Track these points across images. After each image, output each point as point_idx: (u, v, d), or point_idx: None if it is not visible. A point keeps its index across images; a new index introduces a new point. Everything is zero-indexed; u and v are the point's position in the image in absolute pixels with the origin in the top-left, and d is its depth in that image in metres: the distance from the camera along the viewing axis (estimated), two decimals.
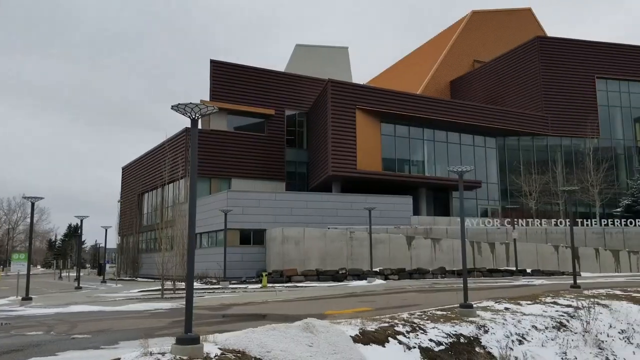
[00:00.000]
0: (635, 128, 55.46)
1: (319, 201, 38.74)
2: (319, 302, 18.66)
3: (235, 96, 48.45)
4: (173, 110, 8.58)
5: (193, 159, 8.54)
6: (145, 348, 7.37)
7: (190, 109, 8.45)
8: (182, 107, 8.46)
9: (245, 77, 49.55)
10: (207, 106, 8.59)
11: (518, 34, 64.37)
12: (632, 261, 36.03)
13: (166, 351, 7.39)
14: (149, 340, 7.79)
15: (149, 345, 7.48)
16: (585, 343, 13.03)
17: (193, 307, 8.12)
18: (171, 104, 8.54)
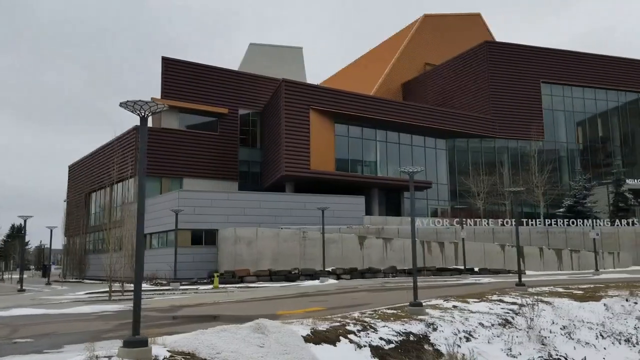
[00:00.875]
0: (577, 131, 57.83)
1: (272, 201, 38.63)
2: (271, 303, 18.61)
3: (187, 94, 47.75)
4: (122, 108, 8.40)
5: (142, 158, 8.38)
6: (91, 352, 7.18)
7: (139, 106, 8.28)
8: (130, 105, 8.28)
9: (198, 75, 48.90)
10: (157, 104, 8.44)
11: (468, 39, 65.99)
12: (574, 260, 37.51)
13: (113, 354, 7.23)
14: (95, 344, 7.60)
15: (95, 349, 7.29)
16: (529, 339, 13.45)
17: (142, 309, 7.97)
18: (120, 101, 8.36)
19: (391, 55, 69.13)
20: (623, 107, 59.34)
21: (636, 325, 15.87)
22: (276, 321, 9.77)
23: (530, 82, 55.05)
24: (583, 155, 57.28)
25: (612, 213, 46.12)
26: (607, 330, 15.33)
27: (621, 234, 40.33)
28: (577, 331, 14.87)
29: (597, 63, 58.17)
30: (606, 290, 18.43)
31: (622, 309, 16.72)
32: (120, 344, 7.45)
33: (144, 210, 8.19)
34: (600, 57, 59.00)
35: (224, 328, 8.79)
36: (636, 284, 19.83)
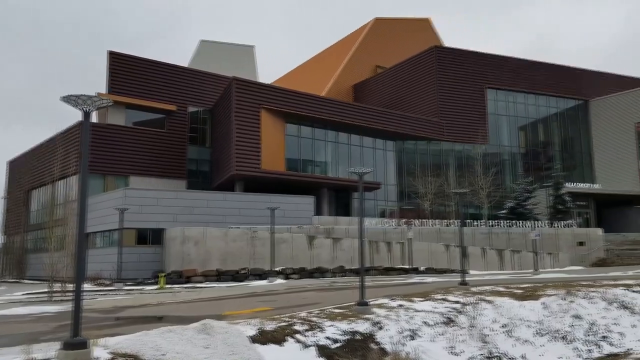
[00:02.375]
0: (519, 136, 59.91)
1: (221, 200, 38.23)
2: (219, 303, 18.42)
3: (135, 90, 46.65)
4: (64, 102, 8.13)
5: (84, 154, 8.15)
6: (28, 354, 6.94)
7: (82, 101, 8.04)
8: (73, 99, 8.03)
9: (146, 70, 47.86)
10: (101, 99, 8.22)
11: (417, 43, 67.23)
12: (515, 260, 38.79)
13: (51, 357, 7.01)
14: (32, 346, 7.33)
15: (32, 351, 7.04)
16: (471, 337, 13.79)
17: (83, 309, 7.74)
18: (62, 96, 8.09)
19: (343, 56, 69.66)
20: (563, 113, 61.89)
21: (572, 323, 16.46)
22: (223, 322, 9.69)
23: (476, 87, 56.61)
24: (525, 159, 59.40)
25: (551, 215, 47.93)
26: (545, 328, 15.84)
27: (560, 235, 41.99)
28: (516, 329, 15.34)
29: (539, 70, 60.44)
30: (544, 290, 19.04)
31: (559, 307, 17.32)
32: (59, 346, 7.22)
33: (85, 209, 7.97)
34: (542, 65, 61.33)
35: (169, 329, 8.65)
36: (573, 284, 20.56)
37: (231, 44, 75.25)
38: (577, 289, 18.75)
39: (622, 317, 16.96)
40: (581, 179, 58.75)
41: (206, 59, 66.97)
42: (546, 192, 50.37)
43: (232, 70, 54.15)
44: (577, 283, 20.59)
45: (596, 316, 16.71)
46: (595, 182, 58.44)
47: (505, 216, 46.23)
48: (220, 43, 74.59)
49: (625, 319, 16.90)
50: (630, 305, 17.83)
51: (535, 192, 49.54)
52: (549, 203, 49.18)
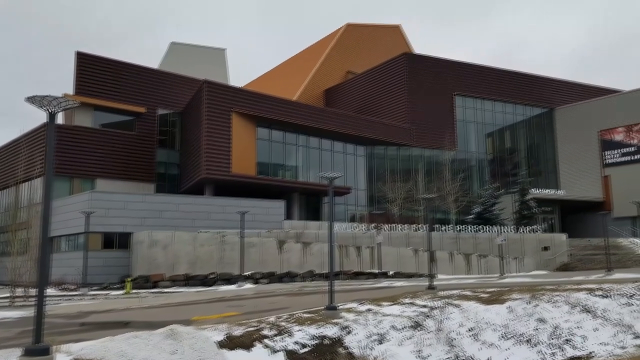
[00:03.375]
0: (486, 142, 60.99)
1: (190, 204, 37.87)
2: (186, 308, 18.22)
3: (103, 91, 45.93)
4: (29, 103, 7.96)
5: (49, 156, 7.99)
6: None
7: (48, 102, 7.89)
8: (38, 100, 7.87)
9: (114, 72, 47.17)
10: (67, 100, 8.08)
11: (388, 49, 67.93)
12: (481, 264, 39.40)
13: None
14: None
15: None
16: (438, 341, 13.94)
17: (47, 315, 7.58)
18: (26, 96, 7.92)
19: (314, 61, 69.86)
20: (529, 120, 63.24)
21: (536, 326, 16.76)
22: (190, 327, 9.60)
23: (445, 94, 57.41)
24: (492, 165, 60.46)
25: (517, 220, 48.83)
26: (510, 331, 16.08)
27: (525, 240, 42.80)
28: (482, 333, 15.55)
29: (507, 78, 61.68)
30: (510, 294, 19.35)
31: (524, 311, 17.62)
32: (21, 353, 7.05)
33: (49, 212, 7.82)
34: (510, 73, 62.59)
35: (135, 334, 8.53)
36: (537, 288, 20.94)
37: (202, 46, 74.71)
38: (541, 293, 19.13)
39: (584, 320, 17.36)
40: (546, 185, 60.07)
41: (177, 61, 66.33)
42: (512, 198, 51.32)
43: (203, 73, 53.77)
44: (541, 287, 20.99)
45: (560, 320, 17.06)
46: (560, 189, 59.85)
47: (472, 221, 46.88)
48: (191, 45, 73.98)
49: (588, 322, 17.30)
50: (592, 309, 18.27)
51: (501, 197, 50.44)
52: (515, 208, 50.11)
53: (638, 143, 56.48)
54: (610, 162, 58.23)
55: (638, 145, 56.46)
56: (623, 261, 41.94)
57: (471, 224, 45.45)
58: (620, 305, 19.04)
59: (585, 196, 57.73)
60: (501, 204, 49.60)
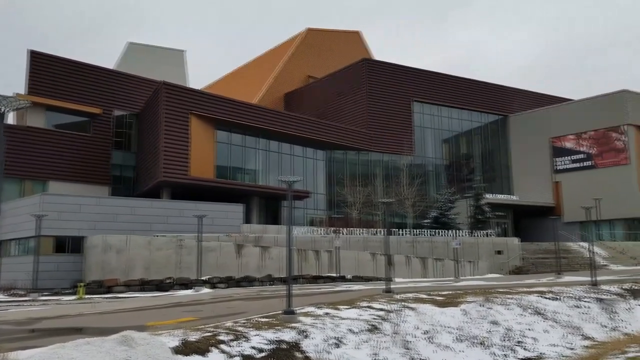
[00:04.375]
0: (443, 148, 62.21)
1: (146, 207, 37.21)
2: (141, 314, 17.88)
3: (57, 92, 44.74)
4: None
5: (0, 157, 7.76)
6: None
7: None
8: None
9: (69, 71, 46.02)
10: (18, 100, 7.91)
11: (348, 54, 68.55)
12: (437, 267, 40.08)
13: None
14: None
15: None
16: (394, 344, 14.11)
17: None
18: None
19: (275, 65, 69.84)
20: (484, 127, 64.82)
21: (490, 329, 17.15)
22: (144, 333, 9.44)
23: (403, 100, 58.29)
24: (448, 171, 61.70)
25: (472, 225, 49.88)
26: (464, 334, 16.40)
27: (479, 244, 43.77)
28: (438, 335, 15.81)
29: (463, 86, 63.09)
30: (464, 297, 19.74)
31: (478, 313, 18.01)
32: None
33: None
34: (466, 81, 64.04)
35: (87, 341, 8.34)
36: (491, 291, 21.42)
37: (161, 47, 73.61)
38: (494, 296, 19.60)
39: (535, 322, 17.89)
40: (500, 190, 61.64)
41: (134, 62, 65.13)
42: (467, 203, 52.46)
43: (162, 75, 52.99)
44: (495, 290, 21.49)
45: (512, 322, 17.53)
46: (513, 194, 61.54)
47: (429, 225, 47.64)
48: (150, 46, 72.79)
49: (539, 324, 17.84)
50: (543, 311, 18.85)
51: (457, 202, 51.47)
52: (470, 213, 51.22)
53: (587, 150, 58.64)
54: (561, 169, 60.25)
55: (587, 152, 58.62)
56: (572, 264, 43.43)
57: (428, 228, 46.18)
58: (569, 308, 19.73)
59: (537, 201, 59.55)
60: (457, 209, 50.60)
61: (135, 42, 73.09)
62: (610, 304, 20.92)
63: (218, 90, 66.82)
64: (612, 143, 57.00)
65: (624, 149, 56.09)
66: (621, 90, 57.52)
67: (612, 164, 56.68)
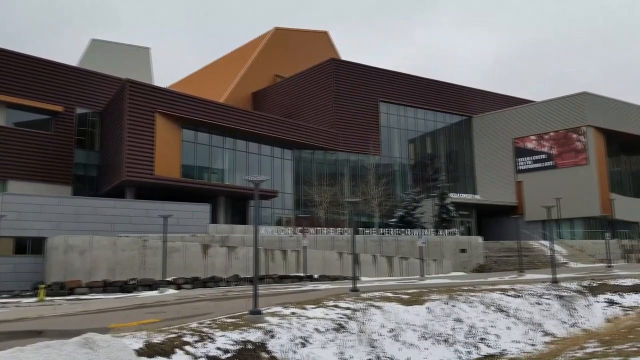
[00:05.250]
0: (409, 148, 62.91)
1: (110, 207, 36.53)
2: (104, 315, 17.56)
3: (17, 89, 43.52)
4: None
5: None
6: None
7: None
8: None
9: (30, 68, 44.80)
10: None
11: (316, 54, 68.61)
12: (403, 266, 40.52)
13: None
14: None
15: None
16: (360, 342, 14.23)
17: None
18: None
19: (242, 64, 69.41)
20: (449, 128, 65.78)
21: (454, 326, 17.45)
22: (107, 335, 9.29)
23: (370, 100, 58.68)
24: (414, 170, 62.39)
25: (437, 224, 50.56)
26: (429, 331, 16.64)
27: (444, 242, 44.43)
28: (403, 333, 16.00)
29: (428, 86, 63.88)
30: (429, 295, 20.04)
31: (442, 311, 18.31)
32: None
33: None
34: (431, 82, 64.84)
35: (47, 344, 8.16)
36: (455, 289, 21.79)
37: (125, 44, 72.36)
38: (458, 294, 19.95)
39: (498, 319, 18.28)
40: (464, 189, 62.68)
41: (98, 59, 63.84)
42: (432, 202, 53.16)
43: (126, 72, 52.08)
44: (458, 288, 21.86)
45: (475, 319, 17.87)
46: (477, 193, 62.66)
47: (395, 224, 48.10)
48: (114, 43, 71.47)
49: (501, 321, 18.24)
50: (505, 308, 19.27)
51: (422, 201, 52.11)
52: (435, 212, 51.93)
53: (548, 151, 60.12)
54: (523, 169, 61.63)
55: (548, 152, 60.10)
56: (534, 262, 44.50)
57: (394, 227, 46.62)
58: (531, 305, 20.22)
59: (500, 201, 60.78)
60: (422, 208, 51.22)
61: (99, 39, 71.68)
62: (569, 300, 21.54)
63: (184, 89, 66.06)
64: (572, 144, 58.58)
65: (584, 150, 57.71)
66: (581, 92, 59.18)
67: (572, 164, 58.26)
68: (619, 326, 17.90)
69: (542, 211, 30.31)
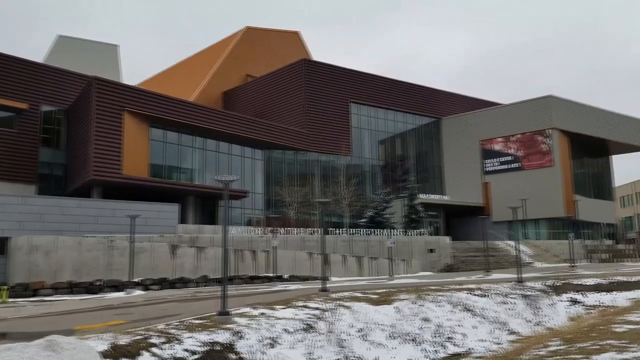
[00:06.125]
0: (379, 149, 63.39)
1: (76, 207, 35.82)
2: (70, 317, 17.23)
3: None
4: None
5: None
6: None
7: None
8: None
9: None
10: None
11: (287, 54, 68.56)
12: (372, 266, 40.78)
13: None
14: None
15: None
16: (329, 342, 14.27)
17: None
18: None
19: (213, 62, 68.85)
20: (419, 129, 66.51)
21: (421, 325, 17.62)
22: (71, 337, 9.13)
23: (341, 101, 58.92)
24: (384, 171, 62.89)
25: (406, 224, 51.04)
26: (397, 331, 16.76)
27: (413, 242, 44.85)
28: (371, 333, 16.09)
29: (399, 88, 64.46)
30: (398, 295, 20.19)
31: (410, 311, 18.47)
32: None
33: None
34: (401, 83, 65.46)
35: (9, 347, 7.98)
36: (423, 288, 22.00)
37: (93, 41, 70.99)
38: (426, 294, 20.16)
39: (465, 319, 18.53)
40: (433, 190, 63.45)
41: (64, 55, 62.49)
42: (402, 203, 53.66)
43: (94, 69, 51.15)
44: (426, 288, 22.09)
45: (443, 318, 18.08)
46: (445, 194, 63.49)
47: (365, 225, 48.34)
48: (81, 40, 70.05)
49: (468, 320, 18.49)
50: (472, 307, 19.55)
51: (392, 202, 52.53)
52: (404, 212, 52.41)
53: (515, 153, 61.31)
54: (490, 170, 62.71)
55: (514, 154, 61.28)
56: (501, 262, 45.26)
57: (364, 227, 46.85)
58: (496, 304, 20.56)
59: (468, 201, 61.73)
60: (392, 208, 51.65)
61: (66, 35, 70.18)
62: (534, 299, 21.98)
63: (153, 87, 65.18)
64: (538, 146, 59.86)
65: (549, 152, 59.02)
66: (547, 95, 60.52)
67: (537, 165, 59.52)
68: (582, 325, 18.32)
69: (509, 212, 30.86)
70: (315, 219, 50.03)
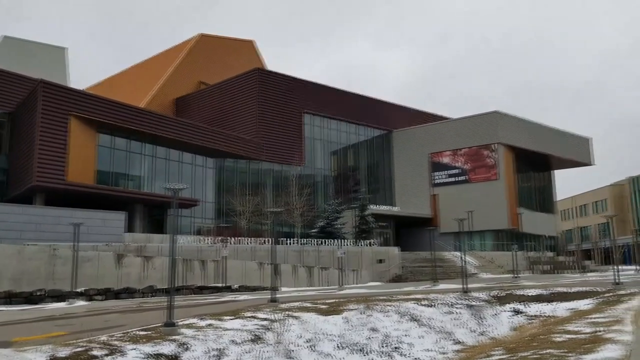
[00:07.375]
0: (332, 160, 63.87)
1: (16, 214, 34.50)
2: (7, 329, 16.52)
3: None
4: None
5: None
6: None
7: None
8: None
9: None
10: None
11: (241, 63, 68.30)
12: (323, 276, 40.90)
13: None
14: None
15: None
16: (277, 353, 14.21)
17: None
18: None
19: (165, 68, 67.86)
20: (370, 141, 67.42)
21: (369, 335, 17.77)
22: (8, 349, 8.80)
23: (294, 111, 59.10)
24: (336, 182, 63.37)
25: (357, 234, 51.48)
26: (345, 341, 16.84)
27: (363, 253, 45.27)
28: (320, 343, 16.09)
29: (351, 100, 65.23)
30: (347, 305, 20.29)
31: (359, 321, 18.60)
32: None
33: None
34: (354, 95, 66.27)
35: None
36: (372, 298, 22.19)
37: (40, 43, 68.79)
38: (375, 304, 20.36)
39: (412, 328, 18.79)
40: (383, 201, 64.34)
41: (9, 57, 60.28)
42: (353, 213, 54.12)
43: (40, 72, 49.52)
44: (375, 298, 22.31)
45: (390, 328, 18.29)
46: (395, 205, 64.46)
47: (316, 235, 48.48)
48: (27, 41, 67.77)
49: (415, 330, 18.77)
50: (418, 317, 19.86)
51: (343, 212, 52.94)
52: (355, 223, 52.87)
53: (462, 166, 62.93)
54: (438, 182, 64.13)
55: (462, 167, 62.91)
56: (448, 273, 46.19)
57: (315, 237, 46.98)
58: (442, 314, 20.95)
59: (417, 213, 62.85)
60: (343, 219, 52.03)
61: (10, 35, 67.74)
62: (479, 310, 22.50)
63: (102, 92, 63.57)
64: (484, 160, 61.67)
65: (494, 166, 60.90)
66: (493, 111, 62.52)
67: (483, 179, 61.29)
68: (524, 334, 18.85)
69: (455, 223, 31.58)
70: (266, 229, 49.81)
